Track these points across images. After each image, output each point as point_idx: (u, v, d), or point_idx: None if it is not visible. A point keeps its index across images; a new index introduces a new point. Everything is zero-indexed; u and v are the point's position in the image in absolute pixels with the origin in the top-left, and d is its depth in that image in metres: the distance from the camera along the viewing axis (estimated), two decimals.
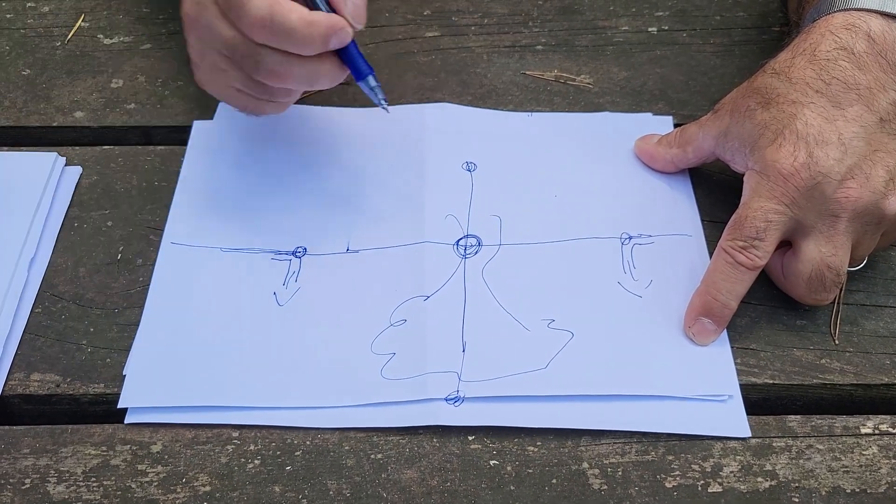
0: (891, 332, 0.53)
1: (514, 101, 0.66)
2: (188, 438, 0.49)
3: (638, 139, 0.62)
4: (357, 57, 0.53)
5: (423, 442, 0.48)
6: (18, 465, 0.48)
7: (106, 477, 0.47)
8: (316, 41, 0.49)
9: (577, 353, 0.51)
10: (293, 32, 0.48)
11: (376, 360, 0.51)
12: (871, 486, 0.47)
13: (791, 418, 0.50)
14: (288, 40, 0.49)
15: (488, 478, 0.47)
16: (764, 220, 0.50)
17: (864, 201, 0.49)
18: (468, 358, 0.51)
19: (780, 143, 0.51)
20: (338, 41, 0.50)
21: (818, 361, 0.52)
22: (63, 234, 0.58)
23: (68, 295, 0.55)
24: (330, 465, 0.48)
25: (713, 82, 0.67)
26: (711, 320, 0.51)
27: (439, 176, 0.60)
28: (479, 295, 0.54)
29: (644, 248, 0.56)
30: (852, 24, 0.52)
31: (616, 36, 0.71)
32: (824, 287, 0.51)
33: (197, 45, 0.53)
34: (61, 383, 0.51)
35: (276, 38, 0.49)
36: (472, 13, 0.73)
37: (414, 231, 0.57)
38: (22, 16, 0.73)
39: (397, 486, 0.47)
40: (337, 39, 0.50)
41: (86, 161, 0.62)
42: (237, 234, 0.57)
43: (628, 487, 0.47)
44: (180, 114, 0.65)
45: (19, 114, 0.65)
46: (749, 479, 0.47)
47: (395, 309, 0.53)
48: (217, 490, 0.47)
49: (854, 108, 0.50)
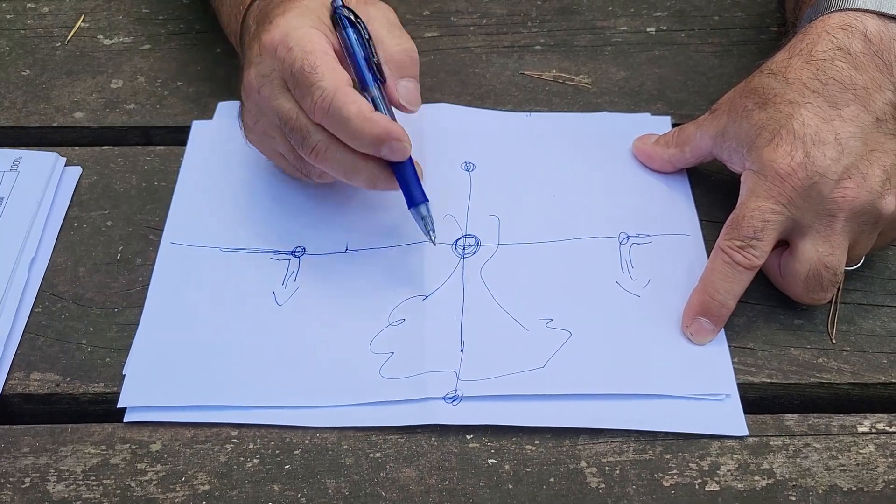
0: (888, 332, 0.53)
1: (513, 101, 0.66)
2: (187, 437, 0.49)
3: (636, 139, 0.62)
4: (412, 181, 0.52)
5: (422, 441, 0.49)
6: (18, 464, 0.48)
7: (105, 476, 0.47)
8: (366, 137, 0.49)
9: (575, 352, 0.51)
10: (348, 122, 0.49)
11: (375, 360, 0.51)
12: (868, 485, 0.47)
13: (788, 417, 0.50)
14: (341, 128, 0.49)
15: (486, 476, 0.47)
16: (761, 220, 0.50)
17: (861, 201, 0.49)
18: (466, 357, 0.51)
19: (777, 143, 0.51)
20: (389, 150, 0.50)
21: (815, 360, 0.52)
22: (63, 233, 0.58)
23: (68, 294, 0.55)
24: (329, 464, 0.48)
25: (711, 82, 0.67)
26: (709, 320, 0.52)
27: (438, 176, 0.60)
28: (478, 294, 0.54)
29: (642, 247, 0.56)
30: (849, 25, 0.52)
31: (614, 36, 0.71)
32: (821, 286, 0.51)
33: (253, 110, 0.54)
34: (61, 382, 0.51)
35: (331, 122, 0.49)
36: (471, 13, 0.73)
37: (413, 231, 0.57)
38: (22, 16, 0.73)
39: (396, 485, 0.47)
40: (389, 149, 0.50)
41: (85, 161, 0.62)
42: (236, 234, 0.57)
43: (626, 486, 0.47)
44: (180, 114, 0.65)
45: (19, 114, 0.65)
46: (746, 477, 0.47)
47: (394, 308, 0.53)
48: (216, 489, 0.47)
49: (851, 108, 0.51)
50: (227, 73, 0.68)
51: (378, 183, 0.52)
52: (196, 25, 0.72)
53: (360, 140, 0.50)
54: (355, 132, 0.49)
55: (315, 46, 0.51)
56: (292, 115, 0.51)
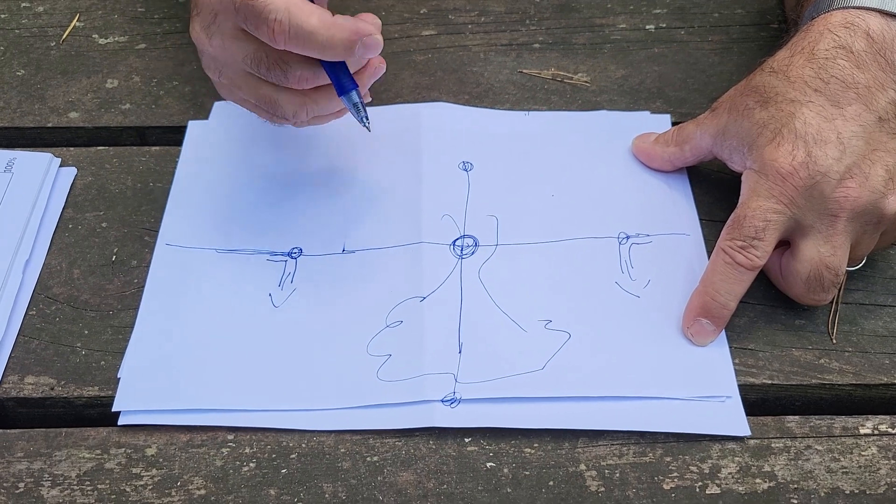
0: (890, 332, 0.53)
1: (511, 100, 0.66)
2: (183, 441, 0.48)
3: (635, 138, 0.61)
4: (340, 70, 0.50)
5: (420, 444, 0.48)
6: (12, 469, 0.47)
7: (100, 480, 0.47)
8: (338, 46, 0.47)
9: (574, 353, 0.51)
10: (313, 35, 0.47)
11: (372, 362, 0.51)
12: (871, 487, 0.47)
13: (790, 419, 0.49)
14: (308, 43, 0.47)
15: (485, 480, 0.47)
16: (763, 220, 0.50)
17: (863, 201, 0.49)
18: (465, 359, 0.51)
19: (779, 142, 0.50)
20: (364, 49, 0.48)
21: (817, 361, 0.51)
22: (58, 235, 0.58)
23: (63, 297, 0.54)
24: (326, 468, 0.47)
25: (711, 80, 0.67)
26: (710, 321, 0.51)
27: (435, 176, 0.60)
28: (476, 296, 0.54)
29: (642, 247, 0.56)
30: (851, 23, 0.52)
31: (613, 34, 0.70)
32: (823, 287, 0.51)
33: (213, 64, 0.52)
34: (55, 386, 0.50)
35: (296, 41, 0.47)
36: (469, 11, 0.72)
37: (410, 231, 0.56)
38: (16, 16, 0.73)
39: (393, 489, 0.46)
40: (363, 47, 0.48)
41: (80, 162, 0.62)
42: (232, 235, 0.57)
43: (626, 489, 0.46)
44: (175, 114, 0.65)
45: (14, 114, 0.65)
46: (747, 480, 0.47)
47: (392, 310, 0.53)
48: (212, 493, 0.46)
49: (853, 106, 0.50)
50: None
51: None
52: None
53: (333, 49, 0.47)
54: (325, 43, 0.47)
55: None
56: (260, 55, 0.49)
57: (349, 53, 0.48)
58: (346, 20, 0.47)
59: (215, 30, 0.50)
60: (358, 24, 0.47)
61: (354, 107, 0.52)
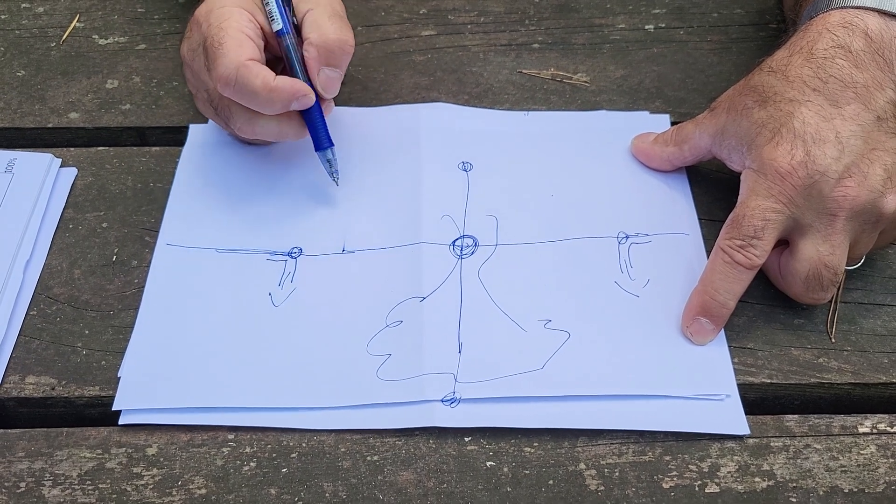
0: (888, 331, 0.53)
1: (511, 100, 0.66)
2: (183, 441, 0.48)
3: (635, 138, 0.61)
4: (320, 127, 0.56)
5: (420, 443, 0.48)
6: (13, 469, 0.47)
7: (101, 480, 0.47)
8: (276, 105, 0.53)
9: (573, 353, 0.51)
10: (255, 95, 0.52)
11: (372, 361, 0.51)
12: (869, 486, 0.47)
13: (788, 418, 0.49)
14: (251, 101, 0.53)
15: (485, 479, 0.47)
16: (762, 219, 0.50)
17: (862, 200, 0.49)
18: (464, 359, 0.51)
19: (778, 142, 0.50)
20: (298, 105, 0.54)
21: (816, 360, 0.51)
22: (58, 235, 0.58)
23: (63, 297, 0.54)
24: (326, 467, 0.47)
25: (710, 80, 0.67)
26: (709, 320, 0.51)
27: (435, 176, 0.60)
28: (476, 295, 0.54)
29: (641, 247, 0.56)
30: (849, 22, 0.52)
31: (613, 34, 0.71)
32: (822, 286, 0.51)
33: (192, 81, 0.58)
34: (56, 386, 0.50)
35: (240, 97, 0.53)
36: (469, 11, 0.72)
37: (410, 231, 0.57)
38: (17, 16, 0.73)
39: (393, 488, 0.47)
40: (298, 104, 0.54)
41: (81, 162, 0.62)
42: (232, 235, 0.57)
43: (625, 488, 0.47)
44: (175, 114, 0.65)
45: (14, 115, 0.65)
46: (746, 479, 0.47)
47: (391, 310, 0.53)
48: (212, 493, 0.47)
49: (851, 106, 0.50)
50: None
51: (301, 133, 0.56)
52: None
53: (271, 107, 0.53)
54: (264, 102, 0.53)
55: (230, 24, 0.54)
56: (215, 95, 0.55)
57: (285, 109, 0.54)
58: (284, 83, 0.53)
59: (196, 56, 0.55)
60: (295, 87, 0.53)
61: (328, 162, 0.57)
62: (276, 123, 0.55)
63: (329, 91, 0.55)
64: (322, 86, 0.55)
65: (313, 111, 0.55)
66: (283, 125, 0.55)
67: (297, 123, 0.56)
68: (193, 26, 0.56)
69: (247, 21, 0.54)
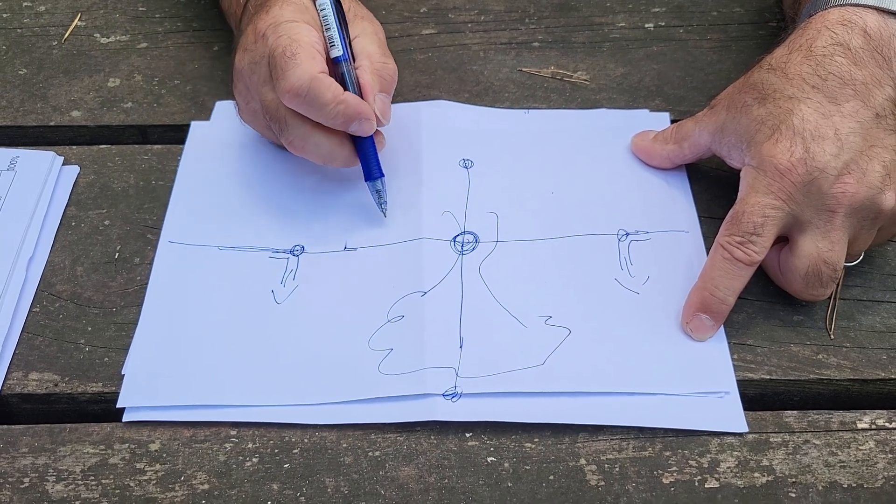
0: (887, 327, 0.53)
1: (511, 98, 0.66)
2: (186, 437, 0.49)
3: (634, 135, 0.62)
4: (372, 157, 0.56)
5: (421, 439, 0.48)
6: (17, 465, 0.48)
7: (104, 475, 0.47)
8: (340, 118, 0.53)
9: (574, 349, 0.51)
10: (324, 107, 0.52)
11: (374, 356, 0.51)
12: (868, 481, 0.47)
13: (788, 413, 0.50)
14: (317, 112, 0.53)
15: (486, 474, 0.47)
16: (761, 216, 0.50)
17: (861, 196, 0.49)
18: (465, 354, 0.51)
19: (777, 139, 0.51)
20: (358, 128, 0.54)
21: (815, 357, 0.52)
22: (61, 233, 0.58)
23: (66, 294, 0.55)
24: (328, 463, 0.48)
25: (710, 78, 0.67)
26: (709, 316, 0.51)
27: (436, 173, 0.60)
28: (477, 291, 0.54)
29: (641, 244, 0.56)
30: (848, 20, 0.52)
31: (613, 32, 0.71)
32: (821, 282, 0.51)
33: (244, 93, 0.57)
34: (59, 382, 0.51)
35: (306, 108, 0.53)
36: (469, 10, 0.73)
37: (411, 228, 0.57)
38: (18, 15, 0.73)
39: (395, 483, 0.47)
40: (358, 126, 0.54)
41: (83, 160, 0.62)
42: (235, 233, 0.57)
43: (625, 483, 0.47)
44: (177, 112, 0.65)
45: (16, 113, 0.65)
46: (746, 474, 0.47)
47: (393, 305, 0.53)
48: (215, 488, 0.47)
49: (850, 103, 0.50)
50: (224, 71, 0.67)
51: (351, 161, 0.56)
52: (193, 23, 0.72)
53: (334, 120, 0.53)
54: (330, 114, 0.53)
55: (303, 37, 0.54)
56: (272, 106, 0.54)
57: (345, 127, 0.54)
58: (352, 99, 0.53)
59: (257, 69, 0.55)
60: (361, 107, 0.53)
61: (377, 193, 0.57)
62: (329, 144, 0.55)
63: (386, 116, 0.55)
64: (380, 111, 0.55)
65: (367, 140, 0.55)
66: (334, 147, 0.55)
67: (349, 151, 0.55)
68: (257, 38, 0.55)
69: (317, 37, 0.55)
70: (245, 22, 0.58)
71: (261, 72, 0.55)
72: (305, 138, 0.54)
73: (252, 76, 0.55)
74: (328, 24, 0.55)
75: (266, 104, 0.55)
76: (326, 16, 0.56)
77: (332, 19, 0.56)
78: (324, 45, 0.55)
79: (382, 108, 0.55)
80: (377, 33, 0.58)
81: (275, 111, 0.54)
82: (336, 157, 0.55)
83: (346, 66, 0.55)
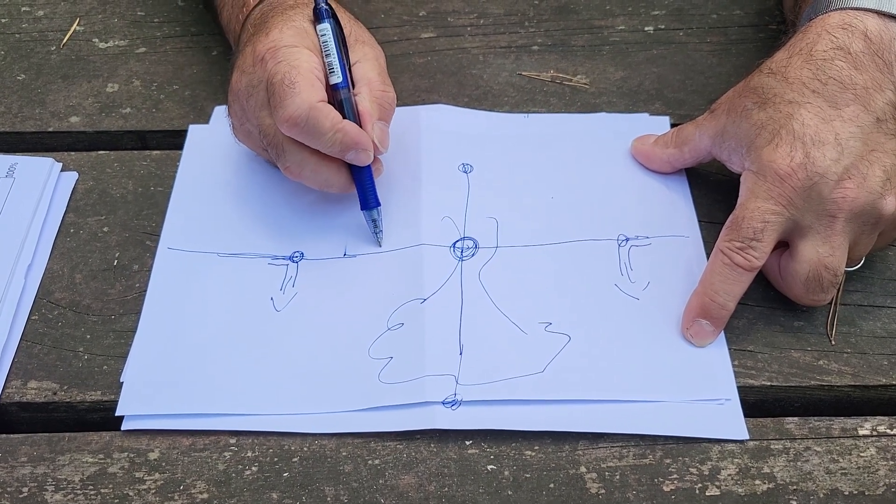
0: (888, 333, 0.53)
1: (511, 102, 0.66)
2: (185, 445, 0.49)
3: (635, 140, 0.61)
4: (368, 186, 0.55)
5: (421, 447, 0.48)
6: (16, 474, 0.48)
7: (103, 485, 0.47)
8: (337, 146, 0.53)
9: (574, 356, 0.51)
10: (321, 135, 0.52)
11: (374, 365, 0.51)
12: (869, 488, 0.47)
13: (789, 420, 0.49)
14: (315, 140, 0.52)
15: (486, 483, 0.47)
16: (761, 221, 0.50)
17: (861, 201, 0.49)
18: (465, 361, 0.51)
19: (777, 144, 0.50)
20: (355, 157, 0.53)
21: (816, 363, 0.52)
22: (59, 240, 0.58)
23: (65, 302, 0.55)
24: (328, 472, 0.47)
25: (710, 82, 0.67)
26: (709, 322, 0.51)
27: (435, 178, 0.60)
28: (476, 298, 0.54)
29: (641, 249, 0.56)
30: (849, 24, 0.52)
31: (612, 35, 0.71)
32: (822, 287, 0.51)
33: (240, 114, 0.56)
34: (58, 391, 0.51)
35: (304, 136, 0.52)
36: (468, 14, 0.72)
37: (411, 234, 0.57)
38: (17, 20, 0.73)
39: (395, 492, 0.47)
40: (355, 155, 0.53)
41: (81, 166, 0.62)
42: (234, 239, 0.57)
43: (626, 491, 0.47)
44: (176, 118, 0.65)
45: (14, 119, 0.65)
46: (747, 481, 0.47)
47: (393, 313, 0.53)
48: (215, 497, 0.47)
49: (851, 108, 0.50)
50: (223, 77, 0.67)
51: (346, 188, 0.56)
52: (192, 28, 0.72)
53: (331, 147, 0.53)
54: (327, 142, 0.52)
55: (302, 64, 0.53)
56: (270, 132, 0.54)
57: (342, 155, 0.53)
58: (351, 128, 0.53)
59: (254, 93, 0.54)
60: (359, 137, 0.53)
61: (373, 222, 0.56)
62: (326, 171, 0.54)
63: (384, 145, 0.55)
64: (378, 138, 0.54)
65: (364, 168, 0.55)
66: (331, 175, 0.54)
67: (346, 178, 0.55)
68: (255, 62, 0.54)
69: (317, 63, 0.54)
70: (244, 41, 0.57)
71: (258, 96, 0.54)
72: (302, 165, 0.54)
73: (249, 100, 0.54)
74: (328, 49, 0.54)
75: (263, 129, 0.54)
76: (327, 41, 0.55)
77: (333, 45, 0.54)
78: (323, 71, 0.54)
79: (381, 136, 0.54)
80: (378, 59, 0.57)
81: (272, 137, 0.54)
82: (333, 184, 0.55)
83: (345, 93, 0.54)
